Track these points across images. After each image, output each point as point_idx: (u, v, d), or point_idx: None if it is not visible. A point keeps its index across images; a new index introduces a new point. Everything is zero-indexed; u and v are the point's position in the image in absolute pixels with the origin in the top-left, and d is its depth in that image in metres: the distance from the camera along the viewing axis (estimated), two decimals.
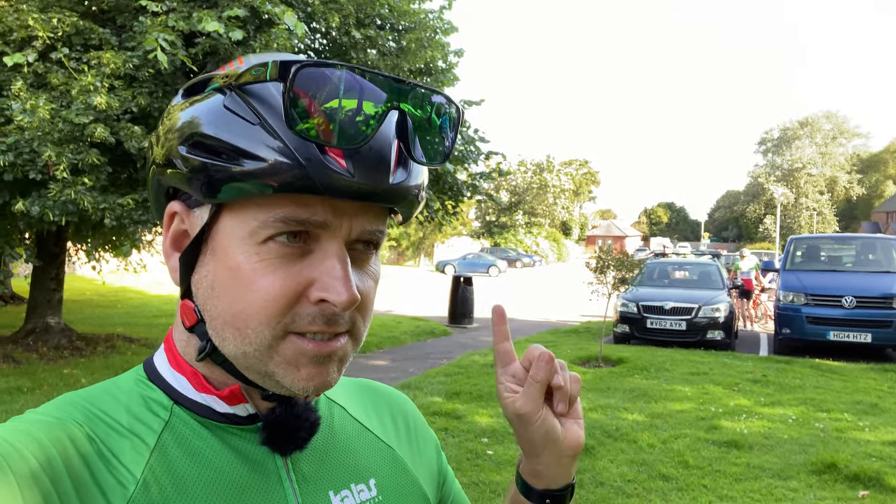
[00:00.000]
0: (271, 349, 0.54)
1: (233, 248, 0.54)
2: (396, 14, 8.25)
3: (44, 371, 7.26)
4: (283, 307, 0.53)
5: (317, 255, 0.54)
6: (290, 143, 0.51)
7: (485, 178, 9.93)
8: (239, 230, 0.54)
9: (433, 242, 41.23)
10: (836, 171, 71.08)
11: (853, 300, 9.88)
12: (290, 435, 0.59)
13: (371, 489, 0.65)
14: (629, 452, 5.10)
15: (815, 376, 8.30)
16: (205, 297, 0.56)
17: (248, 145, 0.51)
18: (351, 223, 0.55)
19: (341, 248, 0.54)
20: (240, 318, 0.54)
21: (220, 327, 0.55)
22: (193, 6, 6.51)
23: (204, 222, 0.56)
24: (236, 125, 0.52)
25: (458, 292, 13.55)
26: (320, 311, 0.54)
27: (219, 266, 0.55)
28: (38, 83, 6.33)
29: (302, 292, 0.53)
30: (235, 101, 0.53)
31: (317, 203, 0.53)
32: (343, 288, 0.53)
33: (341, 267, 0.54)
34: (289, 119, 0.49)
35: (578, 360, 9.09)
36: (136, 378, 0.60)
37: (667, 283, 12.46)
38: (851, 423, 6.05)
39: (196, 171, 0.53)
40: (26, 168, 5.99)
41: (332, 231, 0.54)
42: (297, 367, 0.55)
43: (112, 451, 0.53)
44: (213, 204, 0.55)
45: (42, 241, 8.67)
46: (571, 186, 68.98)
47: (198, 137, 0.53)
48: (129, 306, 14.49)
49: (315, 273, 0.54)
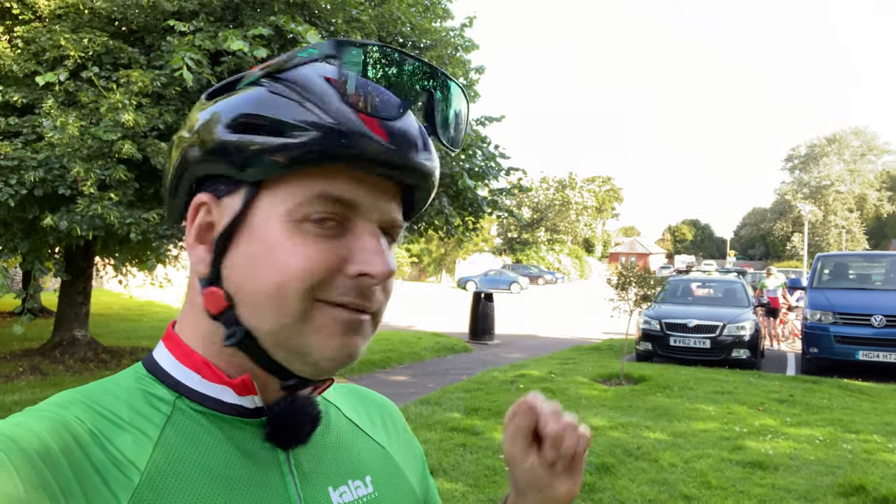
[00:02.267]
0: (305, 316, 0.56)
1: (272, 226, 0.56)
2: (418, 32, 8.35)
3: (70, 383, 7.38)
4: (320, 276, 0.55)
5: (353, 234, 0.57)
6: (332, 114, 0.55)
7: (506, 195, 9.94)
8: (277, 209, 0.56)
9: (455, 259, 41.26)
10: (866, 188, 69.79)
11: (883, 319, 9.65)
12: (294, 429, 0.60)
13: (367, 486, 0.66)
14: (650, 472, 5.02)
15: (844, 397, 8.10)
16: (241, 277, 0.57)
17: (290, 117, 0.55)
18: (384, 207, 0.58)
19: (375, 228, 0.58)
20: (280, 289, 0.55)
21: (259, 302, 0.56)
22: (219, 26, 6.67)
23: (239, 207, 0.58)
24: (278, 103, 0.56)
25: (479, 308, 13.52)
26: (355, 284, 0.57)
27: (257, 245, 0.57)
28: (69, 101, 6.51)
29: (338, 267, 0.56)
30: (277, 87, 0.57)
31: (352, 180, 0.56)
32: (380, 260, 0.56)
33: (377, 241, 0.57)
34: (337, 90, 0.55)
35: (600, 378, 8.99)
36: (135, 375, 0.61)
37: (690, 300, 12.29)
38: (881, 445, 5.88)
39: (239, 149, 0.56)
40: (56, 183, 6.15)
41: (365, 212, 0.57)
42: (332, 336, 0.57)
43: (114, 444, 0.53)
44: (250, 186, 0.57)
45: (70, 256, 8.86)
46: (594, 203, 68.70)
47: (241, 118, 0.56)
48: (155, 320, 14.68)
49: (351, 251, 0.57)
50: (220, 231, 0.58)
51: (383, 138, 0.55)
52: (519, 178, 10.05)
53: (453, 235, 9.36)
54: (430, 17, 8.53)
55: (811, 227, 63.90)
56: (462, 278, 36.20)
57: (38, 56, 6.40)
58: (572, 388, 8.08)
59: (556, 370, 9.49)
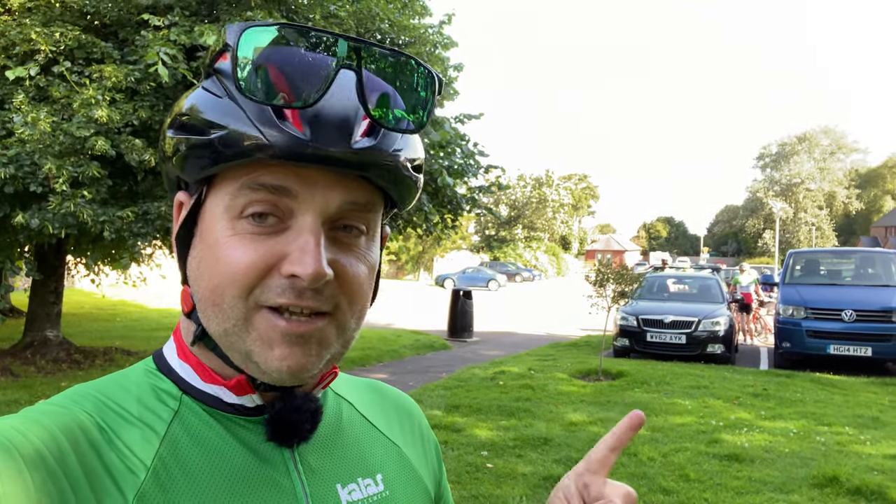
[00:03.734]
0: (247, 323, 0.54)
1: (213, 225, 0.55)
2: (396, 29, 8.32)
3: (42, 384, 7.23)
4: (252, 279, 0.53)
5: (291, 231, 0.54)
6: (247, 109, 0.52)
7: (484, 192, 9.96)
8: (218, 207, 0.55)
9: (432, 256, 41.23)
10: (835, 186, 71.30)
11: (853, 314, 9.87)
12: (293, 427, 0.59)
13: (378, 484, 0.65)
14: (630, 466, 5.07)
15: (816, 390, 8.27)
16: (194, 277, 0.57)
17: (215, 116, 0.53)
18: (326, 196, 0.54)
19: (315, 224, 0.54)
20: (216, 293, 0.54)
21: (204, 306, 0.56)
22: (195, 20, 6.57)
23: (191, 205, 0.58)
24: (209, 101, 0.54)
25: (458, 306, 13.54)
26: (290, 283, 0.53)
27: (203, 246, 0.56)
28: (40, 96, 6.36)
29: (273, 265, 0.53)
30: (212, 83, 0.56)
31: (282, 169, 0.53)
32: (311, 260, 0.52)
33: (313, 241, 0.53)
34: (237, 83, 0.51)
35: (579, 374, 9.06)
36: (145, 369, 0.61)
37: (666, 296, 12.45)
38: (853, 437, 6.02)
39: (177, 149, 0.55)
40: (27, 180, 6.01)
41: (304, 204, 0.53)
42: (271, 346, 0.54)
43: (122, 439, 0.54)
44: (200, 186, 0.57)
45: (42, 255, 8.67)
46: (571, 201, 69.17)
47: (178, 118, 0.56)
48: (128, 319, 14.45)
49: (288, 248, 0.53)
50: (176, 231, 0.59)
51: (297, 128, 0.51)
52: (497, 175, 10.08)
53: (432, 233, 9.35)
54: (409, 13, 8.50)
55: (782, 223, 65.04)
56: (440, 276, 36.19)
57: (7, 50, 6.24)
58: (551, 385, 8.13)
59: (535, 367, 9.54)
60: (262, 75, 0.51)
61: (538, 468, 4.94)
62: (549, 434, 5.81)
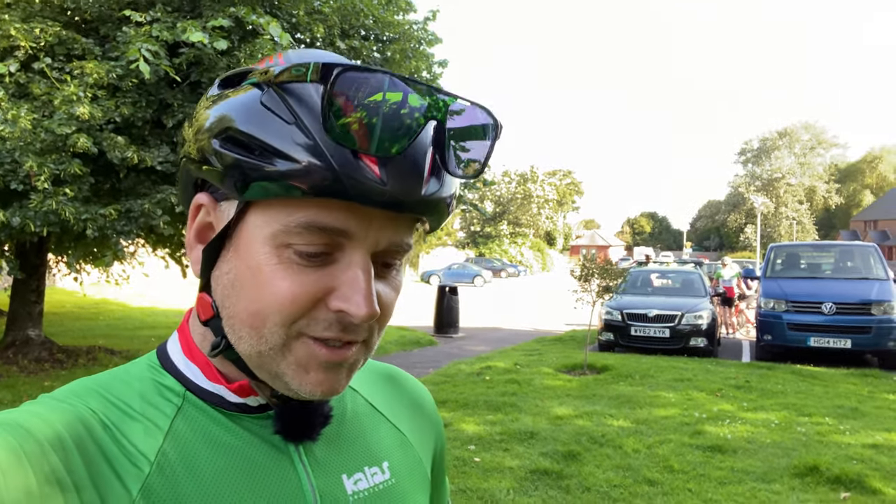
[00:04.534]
0: (284, 349, 0.54)
1: (255, 247, 0.54)
2: (381, 25, 8.31)
3: (24, 384, 7.16)
4: (299, 310, 0.53)
5: (340, 264, 0.53)
6: (324, 146, 0.50)
7: (469, 189, 9.98)
8: (263, 230, 0.53)
9: (418, 253, 41.17)
10: (815, 180, 72.23)
11: (833, 306, 10.02)
12: (303, 428, 0.60)
13: (384, 472, 0.66)
14: (615, 458, 5.13)
15: (797, 381, 8.40)
16: (224, 293, 0.56)
17: (282, 145, 0.50)
18: (378, 235, 0.54)
19: (366, 260, 0.53)
20: (257, 318, 0.53)
21: (237, 325, 0.55)
22: (178, 17, 6.52)
23: (230, 218, 0.55)
24: (271, 123, 0.51)
25: (444, 302, 13.56)
26: (337, 318, 0.53)
27: (240, 264, 0.54)
28: (20, 93, 6.29)
29: (321, 298, 0.53)
30: (272, 99, 0.52)
31: (343, 210, 0.52)
32: (363, 301, 0.52)
33: (364, 279, 0.53)
34: (326, 122, 0.49)
35: (564, 368, 9.12)
36: (148, 364, 0.61)
37: (650, 290, 12.55)
38: (833, 427, 6.13)
39: (228, 166, 0.52)
40: (7, 178, 5.94)
41: (357, 241, 0.53)
42: (307, 371, 0.54)
43: (125, 434, 0.54)
44: (241, 201, 0.54)
45: (23, 253, 8.57)
46: (555, 197, 69.44)
47: (232, 132, 0.52)
48: (111, 318, 14.32)
49: (336, 282, 0.53)
50: (210, 241, 0.57)
51: (376, 175, 0.50)
52: None
53: (418, 230, 9.37)
54: (393, 9, 8.48)
55: (763, 218, 65.77)
56: (425, 272, 36.22)
57: None
58: (537, 379, 8.19)
59: (521, 361, 9.59)
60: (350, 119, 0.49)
61: (525, 461, 4.98)
62: (535, 428, 5.85)
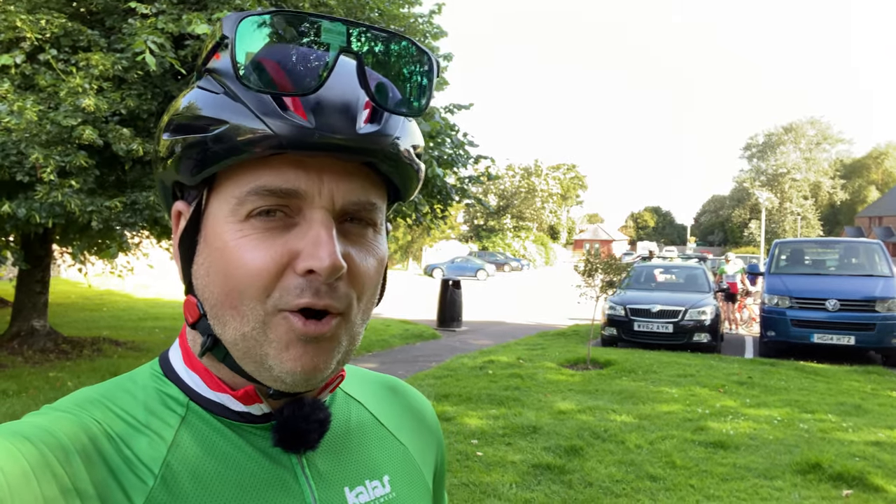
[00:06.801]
0: (265, 326, 0.53)
1: (219, 229, 0.54)
2: (386, 18, 8.28)
3: (29, 374, 7.19)
4: (270, 280, 0.53)
5: (301, 227, 0.53)
6: (247, 101, 0.51)
7: (473, 182, 9.96)
8: (222, 210, 0.54)
9: (421, 246, 41.22)
10: (820, 176, 71.91)
11: (837, 303, 10.01)
12: (301, 435, 0.59)
13: (385, 486, 0.65)
14: (617, 453, 5.14)
15: (800, 378, 8.40)
16: (202, 284, 0.56)
17: (213, 112, 0.52)
18: (332, 191, 0.53)
19: (325, 216, 0.53)
20: (233, 296, 0.54)
21: (218, 310, 0.55)
22: (183, 8, 6.51)
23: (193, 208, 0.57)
24: (206, 99, 0.53)
25: (447, 296, 13.57)
26: (307, 282, 0.53)
27: (210, 250, 0.55)
28: (26, 84, 6.29)
29: (287, 264, 0.53)
30: (206, 80, 0.55)
31: (290, 169, 0.52)
32: (325, 254, 0.51)
33: (325, 234, 0.52)
34: (237, 73, 0.49)
35: (567, 363, 9.14)
36: (151, 373, 0.61)
37: (654, 286, 12.54)
38: (835, 424, 6.13)
39: (173, 150, 0.54)
40: (13, 170, 5.95)
41: (312, 200, 0.53)
42: (287, 348, 0.54)
43: (129, 446, 0.53)
44: (202, 190, 0.56)
45: (28, 244, 8.59)
46: (559, 190, 69.29)
47: (175, 119, 0.55)
48: (115, 309, 14.36)
49: (300, 244, 0.53)
50: (179, 238, 0.58)
51: (301, 117, 0.50)
52: (487, 166, 10.09)
53: (422, 223, 9.36)
54: (399, 2, 8.46)
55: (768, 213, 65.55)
56: (429, 265, 36.19)
57: None
58: (540, 374, 8.20)
59: (524, 356, 9.61)
60: (261, 65, 0.50)
61: (528, 456, 5.00)
62: (538, 422, 5.87)
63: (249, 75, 0.50)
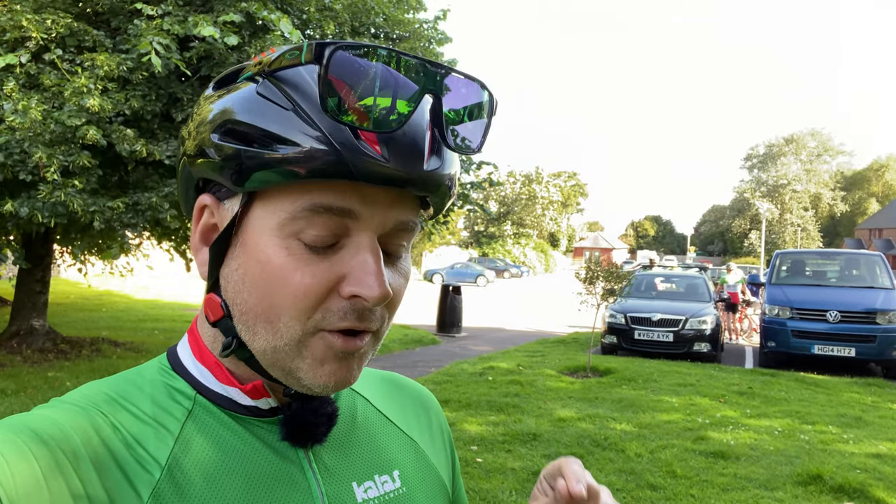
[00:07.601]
0: (301, 344, 0.54)
1: (263, 240, 0.53)
2: (391, 23, 8.30)
3: (28, 374, 7.18)
4: (313, 302, 0.53)
5: (348, 250, 0.53)
6: (323, 127, 0.50)
7: (475, 188, 9.97)
8: (269, 222, 0.53)
9: (421, 252, 41.23)
10: (821, 187, 72.01)
11: (837, 315, 10.00)
12: (309, 429, 0.59)
13: (395, 480, 0.65)
14: (617, 462, 5.12)
15: (800, 389, 8.38)
16: (235, 290, 0.55)
17: (281, 130, 0.51)
18: (384, 215, 0.54)
19: (373, 242, 0.53)
20: (272, 312, 0.53)
21: (251, 321, 0.55)
22: (189, 10, 6.52)
23: (234, 214, 0.55)
24: (269, 111, 0.52)
25: (447, 301, 13.55)
26: (351, 306, 0.53)
27: (249, 259, 0.54)
28: (31, 84, 6.30)
29: (333, 287, 0.53)
30: (268, 88, 0.53)
31: (346, 190, 0.52)
32: (375, 283, 0.52)
33: (374, 261, 0.53)
34: (323, 102, 0.49)
35: (566, 370, 9.12)
36: (159, 367, 0.60)
37: (654, 294, 12.54)
38: (836, 436, 6.11)
39: (228, 158, 0.52)
40: (16, 169, 5.95)
41: (363, 223, 0.53)
42: (322, 364, 0.54)
43: (136, 438, 0.53)
44: (245, 194, 0.54)
45: (29, 243, 8.59)
46: (560, 198, 69.36)
47: (230, 125, 0.53)
48: (115, 310, 14.35)
49: (346, 268, 0.53)
50: (215, 239, 0.57)
51: (377, 152, 0.50)
52: (489, 172, 10.09)
53: (423, 228, 9.36)
54: (404, 7, 8.48)
55: (768, 224, 65.62)
56: (428, 271, 36.21)
57: None
58: (540, 381, 8.18)
59: (523, 363, 9.59)
60: (347, 97, 0.49)
61: (527, 463, 4.98)
62: (538, 429, 5.85)
63: (335, 104, 0.49)
